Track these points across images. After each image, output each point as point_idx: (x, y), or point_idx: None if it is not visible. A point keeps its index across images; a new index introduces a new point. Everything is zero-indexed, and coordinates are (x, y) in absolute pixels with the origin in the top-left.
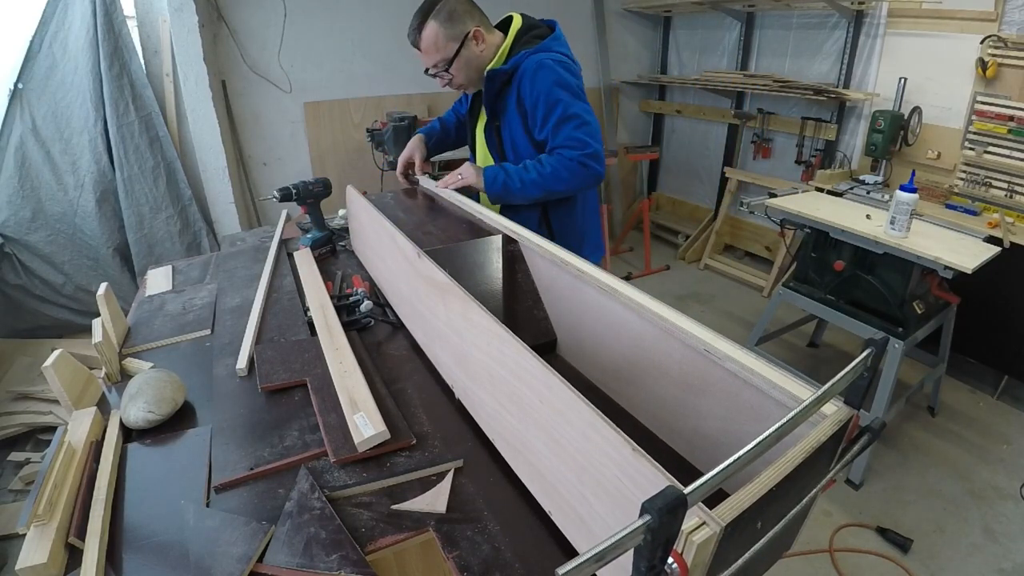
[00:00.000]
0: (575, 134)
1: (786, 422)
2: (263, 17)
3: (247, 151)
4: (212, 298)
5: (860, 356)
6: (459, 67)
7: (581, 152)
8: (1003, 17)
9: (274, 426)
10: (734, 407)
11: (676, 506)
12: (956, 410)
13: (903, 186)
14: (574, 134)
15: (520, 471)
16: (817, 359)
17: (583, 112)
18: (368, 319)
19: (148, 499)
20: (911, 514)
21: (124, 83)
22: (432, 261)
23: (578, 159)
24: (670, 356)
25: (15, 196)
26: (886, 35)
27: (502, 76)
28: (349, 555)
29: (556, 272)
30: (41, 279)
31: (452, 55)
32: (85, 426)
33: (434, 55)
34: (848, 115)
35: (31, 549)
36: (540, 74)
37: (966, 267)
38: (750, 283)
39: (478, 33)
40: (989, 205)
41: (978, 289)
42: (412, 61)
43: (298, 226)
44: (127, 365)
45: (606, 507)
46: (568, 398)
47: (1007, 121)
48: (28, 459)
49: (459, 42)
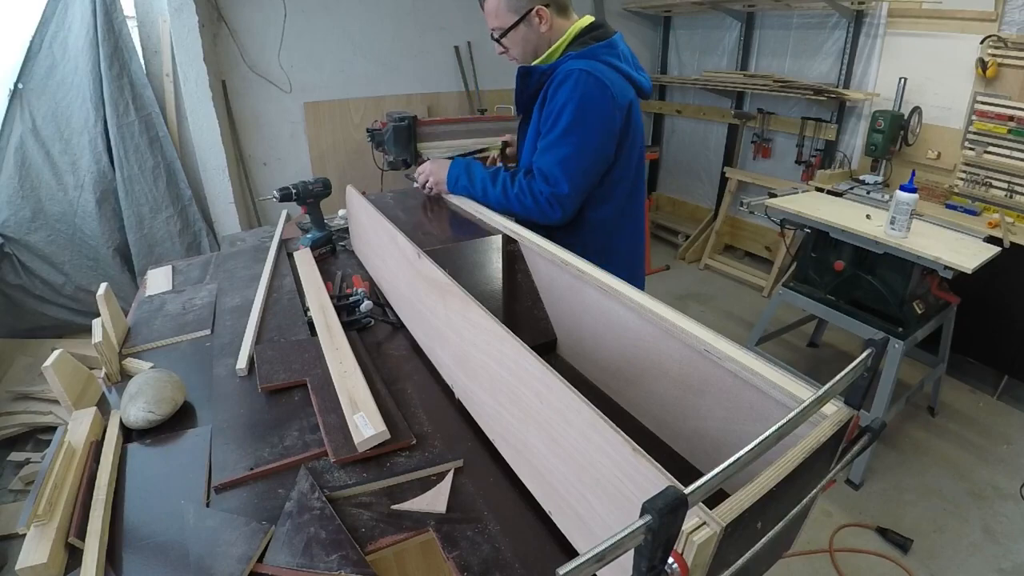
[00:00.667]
0: (554, 167)
1: (786, 422)
2: (263, 17)
3: (247, 151)
4: (212, 298)
5: (860, 356)
6: (515, 40)
7: (551, 191)
8: (1003, 17)
9: (274, 426)
10: (734, 407)
11: (677, 506)
12: (956, 410)
13: (903, 186)
14: (553, 167)
15: (520, 471)
16: (817, 359)
17: (577, 145)
18: (368, 319)
19: (148, 499)
20: (911, 514)
21: (124, 83)
22: (432, 261)
23: (546, 196)
24: (670, 356)
25: (15, 196)
26: (886, 35)
27: (537, 76)
28: (349, 555)
29: (556, 272)
30: (41, 279)
31: (508, 26)
32: (85, 426)
33: (492, 20)
34: (848, 115)
35: (31, 549)
36: (566, 85)
37: (966, 267)
38: (750, 283)
39: (543, 12)
40: (989, 205)
41: (978, 289)
42: (412, 61)
43: (298, 226)
44: (127, 365)
45: (606, 507)
46: (568, 398)
47: (1007, 121)
48: (28, 459)
49: (519, 15)
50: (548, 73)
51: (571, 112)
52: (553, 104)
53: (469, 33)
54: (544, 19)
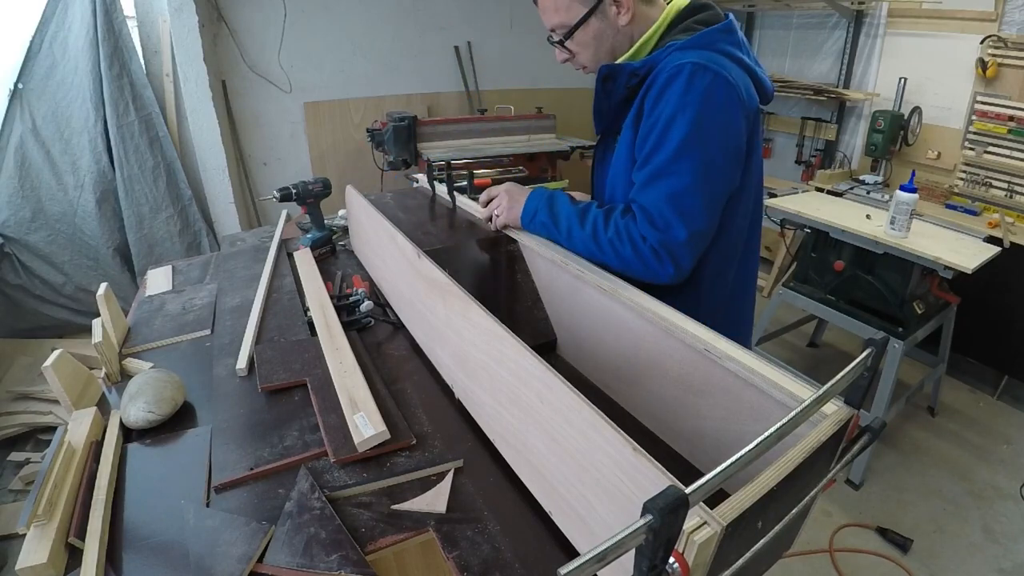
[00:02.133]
0: (663, 205)
1: (786, 422)
2: (263, 17)
3: (247, 151)
4: (212, 298)
5: (860, 356)
6: (584, 41)
7: (661, 237)
8: (1003, 17)
9: (274, 426)
10: (734, 407)
11: (678, 506)
12: (956, 410)
13: (903, 186)
14: (661, 205)
15: (520, 471)
16: (817, 359)
17: (695, 171)
18: (368, 319)
19: (148, 499)
20: (911, 514)
21: (124, 83)
22: (432, 261)
23: (652, 245)
24: (670, 356)
25: (15, 196)
26: (886, 35)
27: (625, 76)
28: (349, 555)
29: (556, 272)
30: (41, 279)
31: (576, 22)
32: (85, 426)
33: (552, 16)
34: (848, 115)
35: (31, 549)
36: (676, 84)
37: (966, 267)
38: None
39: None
40: (989, 205)
41: (978, 289)
42: (412, 61)
43: (298, 226)
44: (127, 365)
45: (607, 507)
46: (568, 398)
47: (1007, 121)
48: (28, 459)
49: (589, 5)
50: (644, 72)
51: (686, 124)
52: (658, 114)
53: (469, 33)
54: (624, 7)
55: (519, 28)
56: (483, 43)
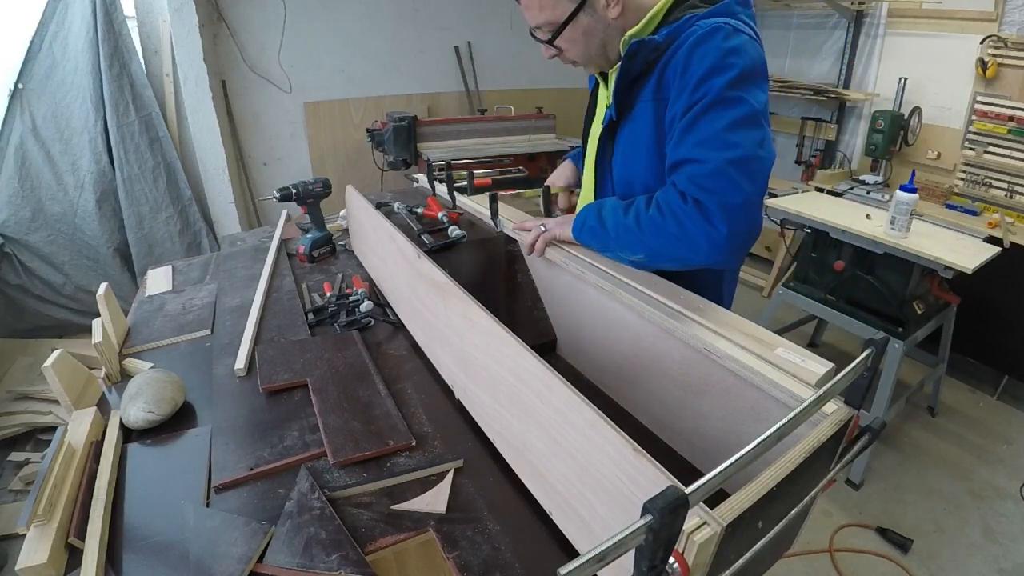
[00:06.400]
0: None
1: (786, 422)
2: (263, 17)
3: (247, 151)
4: (212, 298)
5: (860, 356)
6: (572, 37)
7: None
8: (1003, 17)
9: (274, 426)
10: (734, 407)
11: (677, 506)
12: (956, 410)
13: (903, 186)
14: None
15: (520, 471)
16: None
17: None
18: (368, 319)
19: (148, 499)
20: (911, 514)
21: (124, 83)
22: (432, 261)
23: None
24: (670, 356)
25: (15, 196)
26: (886, 35)
27: (647, 52)
28: (349, 555)
29: (556, 272)
30: (41, 279)
31: (563, 19)
32: (85, 426)
33: (537, 14)
34: (848, 115)
35: (31, 549)
36: (710, 43)
37: (966, 267)
38: (750, 283)
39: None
40: (989, 205)
41: (978, 289)
42: (412, 61)
43: (298, 226)
44: (127, 365)
45: (607, 507)
46: (568, 398)
47: (1007, 121)
48: (28, 459)
49: (577, 1)
50: (665, 44)
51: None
52: (691, 73)
53: (469, 33)
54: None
55: (519, 28)
56: (483, 43)
